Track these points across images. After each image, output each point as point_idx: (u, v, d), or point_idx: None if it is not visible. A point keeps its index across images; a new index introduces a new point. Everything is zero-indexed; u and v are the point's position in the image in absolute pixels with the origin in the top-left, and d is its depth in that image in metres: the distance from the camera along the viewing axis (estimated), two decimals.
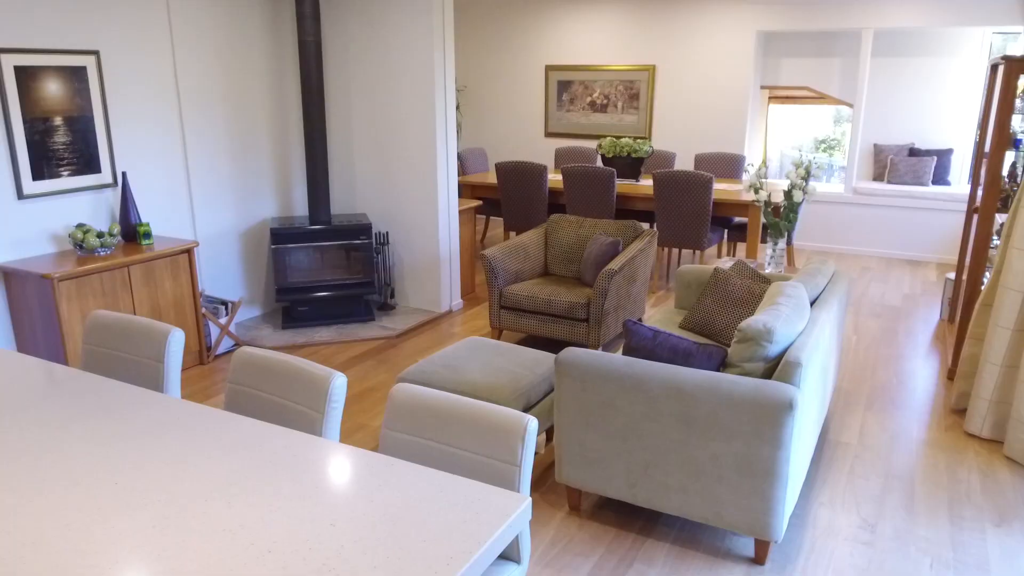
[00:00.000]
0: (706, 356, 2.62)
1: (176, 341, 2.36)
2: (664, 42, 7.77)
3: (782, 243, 4.10)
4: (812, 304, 3.17)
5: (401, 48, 5.07)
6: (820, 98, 10.45)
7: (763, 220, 4.14)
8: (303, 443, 1.80)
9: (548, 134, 8.68)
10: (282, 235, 4.89)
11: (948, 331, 5.14)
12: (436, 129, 5.08)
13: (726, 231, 6.25)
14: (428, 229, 5.28)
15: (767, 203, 4.06)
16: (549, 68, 8.45)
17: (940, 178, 7.25)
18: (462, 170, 7.53)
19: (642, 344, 2.71)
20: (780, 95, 13.05)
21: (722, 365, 2.65)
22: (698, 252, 6.81)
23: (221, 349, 4.64)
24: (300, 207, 5.52)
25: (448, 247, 5.37)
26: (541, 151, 8.80)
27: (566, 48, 8.32)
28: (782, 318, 2.62)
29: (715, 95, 7.65)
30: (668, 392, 2.50)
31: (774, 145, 15.19)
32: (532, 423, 1.76)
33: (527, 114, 8.74)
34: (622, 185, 6.41)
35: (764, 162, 3.91)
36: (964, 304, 4.10)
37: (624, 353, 2.78)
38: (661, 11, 7.71)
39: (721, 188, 6.18)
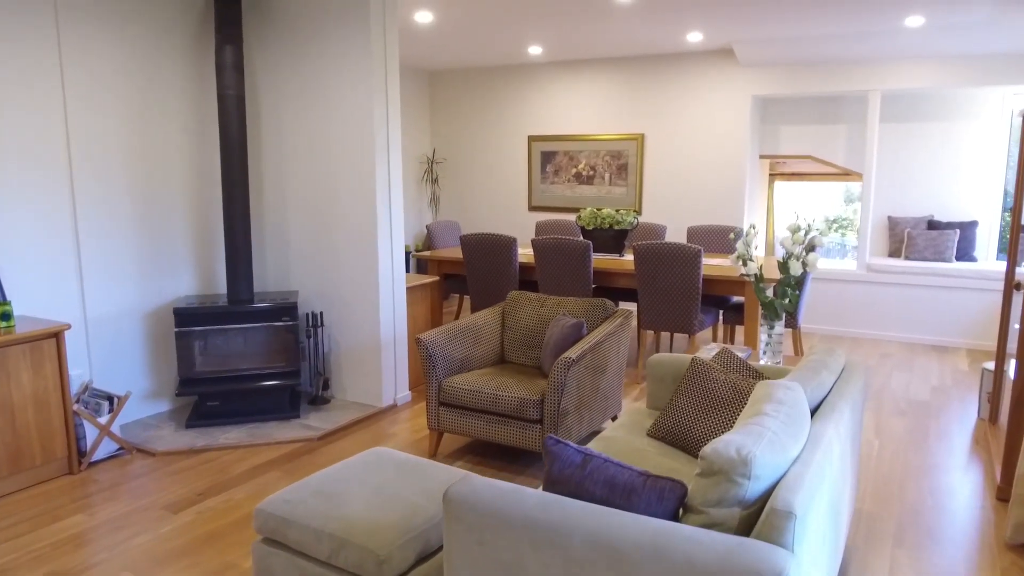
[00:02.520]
0: (656, 495, 1.78)
1: None
2: (652, 109, 7.20)
3: (780, 327, 3.30)
4: (814, 412, 2.34)
5: (338, 109, 4.45)
6: (828, 175, 9.84)
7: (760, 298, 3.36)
8: None
9: (532, 207, 8.03)
10: (187, 316, 4.15)
11: (991, 434, 4.23)
12: (377, 197, 4.39)
13: (721, 312, 5.45)
14: (368, 309, 4.53)
15: (758, 277, 3.28)
16: (532, 138, 7.89)
17: (965, 253, 6.46)
18: (431, 244, 6.85)
19: (566, 474, 1.88)
20: (786, 172, 12.50)
21: (681, 507, 1.81)
22: (699, 336, 5.99)
23: (99, 455, 3.82)
24: (225, 283, 4.80)
25: (392, 330, 4.60)
26: (525, 226, 8.13)
27: (549, 117, 7.77)
28: (766, 439, 1.79)
29: (709, 165, 7.00)
30: (596, 553, 1.66)
31: (781, 225, 14.54)
32: None
33: (509, 187, 8.13)
34: (603, 260, 5.66)
35: (753, 226, 3.14)
36: (1013, 404, 3.24)
37: (544, 487, 1.95)
38: (648, 76, 7.17)
39: (714, 263, 5.42)
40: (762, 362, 3.36)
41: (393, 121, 4.45)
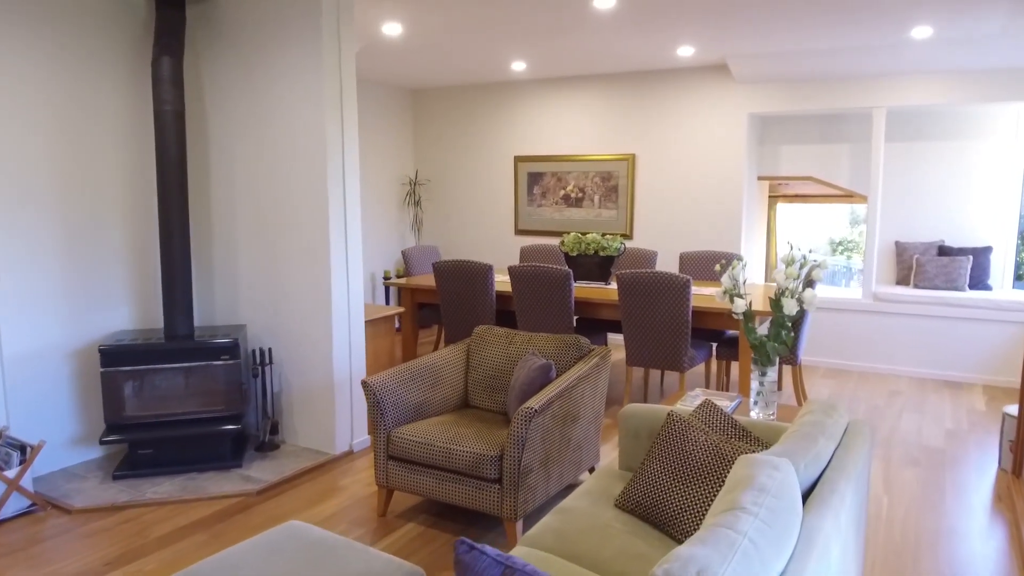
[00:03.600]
0: None
1: None
2: (644, 128, 6.81)
3: (773, 373, 2.85)
4: (809, 493, 1.89)
5: (288, 128, 4.06)
6: (832, 197, 9.43)
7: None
8: None
9: (519, 231, 7.63)
10: (113, 354, 3.73)
11: (1015, 489, 3.76)
12: (331, 223, 3.98)
13: (715, 347, 5.01)
14: (321, 345, 4.11)
15: (747, 316, 2.85)
16: (518, 159, 7.50)
17: (978, 281, 6.01)
18: (408, 271, 6.44)
19: None
20: (788, 194, 12.09)
21: None
22: (692, 373, 5.53)
23: (7, 512, 3.38)
24: None
25: (348, 368, 4.17)
26: (511, 250, 7.72)
27: (536, 136, 7.39)
28: (738, 552, 1.35)
29: (704, 187, 6.59)
30: None
31: (784, 248, 14.11)
32: None
33: (495, 210, 7.73)
34: (587, 289, 5.24)
35: (740, 257, 2.71)
36: None
37: None
38: (639, 94, 6.79)
39: (707, 293, 4.98)
40: (752, 415, 2.92)
41: (350, 141, 4.06)
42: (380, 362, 4.63)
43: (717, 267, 2.97)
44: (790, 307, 2.71)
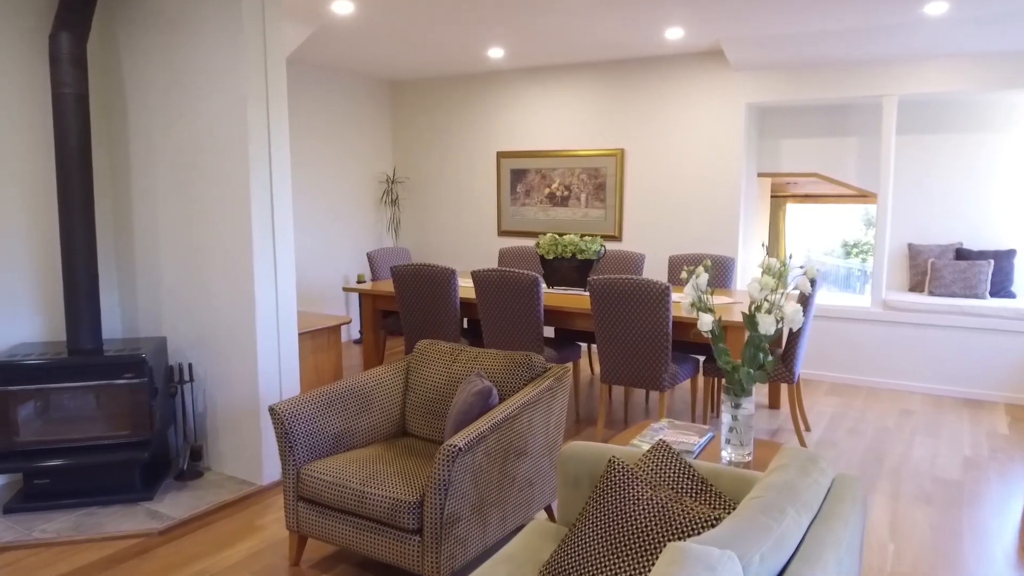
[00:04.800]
0: None
1: None
2: (633, 121, 6.28)
3: (749, 405, 2.33)
4: None
5: (206, 114, 3.58)
6: (845, 197, 8.86)
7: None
8: None
9: (502, 232, 7.12)
10: (3, 371, 3.26)
11: None
12: (253, 223, 3.50)
13: (702, 361, 4.48)
14: (245, 360, 3.62)
15: (716, 335, 2.33)
16: (501, 154, 7.00)
17: (1001, 288, 5.43)
18: (374, 276, 5.95)
19: None
20: (798, 194, 11.51)
21: None
22: (677, 394, 4.99)
23: None
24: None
25: (277, 386, 3.68)
26: (494, 254, 7.22)
27: (519, 130, 6.88)
28: None
29: (699, 184, 6.06)
30: None
31: (796, 252, 13.49)
32: None
33: (477, 209, 7.24)
34: (563, 297, 4.72)
35: (706, 263, 2.19)
36: None
37: None
38: (627, 84, 6.26)
39: None
40: (724, 456, 2.39)
41: (278, 128, 3.57)
42: (324, 378, 4.15)
43: (683, 274, 2.45)
44: (767, 325, 2.19)
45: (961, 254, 5.59)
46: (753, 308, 2.25)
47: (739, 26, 4.97)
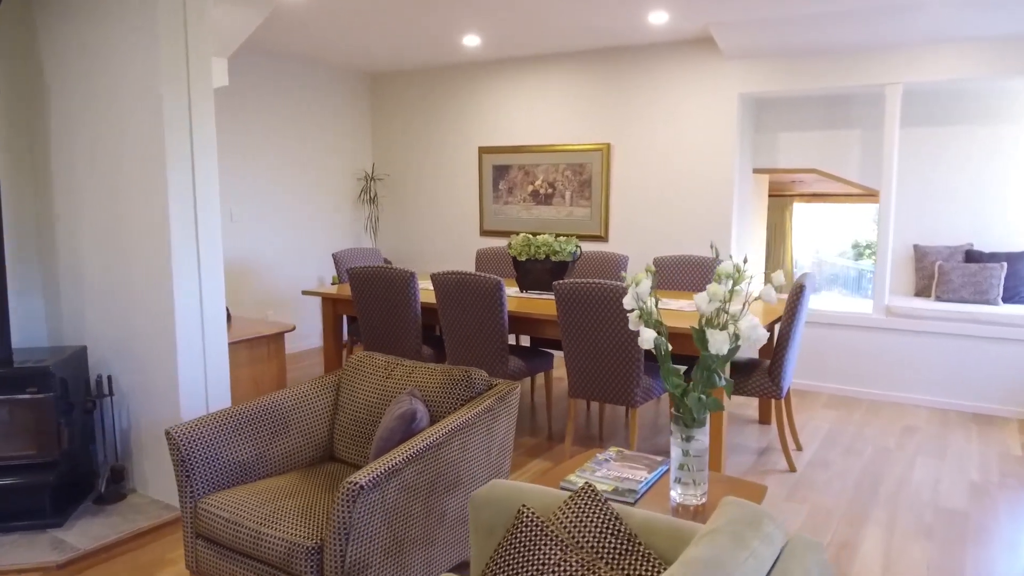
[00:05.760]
0: None
1: None
2: (619, 114, 5.90)
3: (703, 438, 1.96)
4: None
5: (122, 100, 3.24)
6: (854, 195, 8.44)
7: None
8: None
9: (484, 232, 6.76)
10: None
11: None
12: (171, 222, 3.16)
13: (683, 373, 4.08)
14: (166, 373, 3.28)
15: (662, 351, 1.96)
16: (483, 150, 6.63)
17: (1014, 293, 5.00)
18: (339, 278, 5.60)
19: None
20: (805, 192, 11.05)
21: None
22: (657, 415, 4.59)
23: None
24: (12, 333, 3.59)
25: (203, 400, 3.34)
26: (474, 255, 6.86)
27: (501, 125, 6.52)
28: None
29: (689, 180, 5.67)
30: None
31: (805, 253, 13.00)
32: None
33: (459, 208, 6.88)
34: (529, 302, 4.35)
35: (651, 268, 1.81)
36: None
37: None
38: (612, 74, 5.88)
39: (673, 308, 4.07)
40: (672, 498, 2.02)
41: (201, 119, 3.23)
42: (264, 391, 3.81)
43: (622, 274, 2.07)
44: (718, 343, 1.81)
45: (971, 256, 5.17)
46: (703, 323, 1.87)
47: (728, 9, 4.58)
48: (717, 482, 2.23)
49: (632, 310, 1.99)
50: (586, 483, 1.75)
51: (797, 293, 3.71)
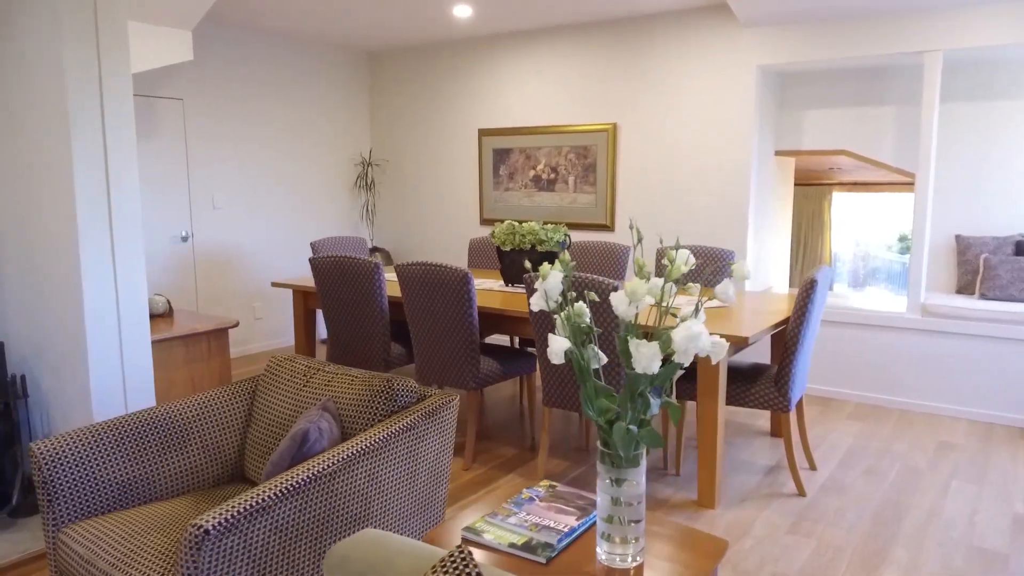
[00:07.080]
0: None
1: None
2: (626, 91, 5.39)
3: (639, 479, 1.50)
4: None
5: (27, 67, 2.89)
6: (898, 184, 7.77)
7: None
8: None
9: (484, 220, 6.32)
10: None
11: None
12: (78, 205, 2.79)
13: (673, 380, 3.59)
14: (77, 373, 2.93)
15: (581, 365, 1.50)
16: (483, 132, 6.19)
17: None
18: None
19: None
20: (845, 181, 10.39)
21: None
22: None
23: None
24: None
25: (122, 404, 2.98)
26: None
27: (502, 105, 6.06)
28: None
29: (701, 163, 5.13)
30: None
31: (845, 245, 12.22)
32: None
33: (458, 195, 6.45)
34: (504, 296, 3.90)
35: (565, 258, 1.34)
36: None
37: None
38: (619, 48, 5.37)
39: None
40: (599, 556, 1.56)
41: (116, 91, 2.85)
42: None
43: (529, 271, 1.61)
44: (647, 359, 1.34)
45: (1021, 248, 4.54)
46: (625, 332, 1.41)
47: None
48: (659, 536, 1.75)
49: (545, 311, 1.53)
50: (458, 548, 1.30)
51: (808, 290, 3.18)
